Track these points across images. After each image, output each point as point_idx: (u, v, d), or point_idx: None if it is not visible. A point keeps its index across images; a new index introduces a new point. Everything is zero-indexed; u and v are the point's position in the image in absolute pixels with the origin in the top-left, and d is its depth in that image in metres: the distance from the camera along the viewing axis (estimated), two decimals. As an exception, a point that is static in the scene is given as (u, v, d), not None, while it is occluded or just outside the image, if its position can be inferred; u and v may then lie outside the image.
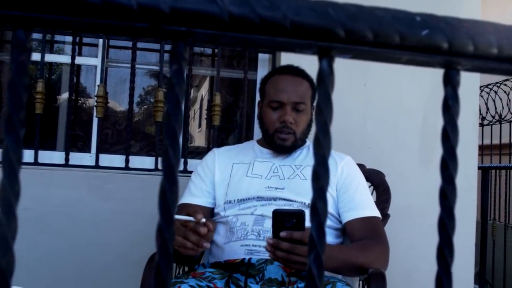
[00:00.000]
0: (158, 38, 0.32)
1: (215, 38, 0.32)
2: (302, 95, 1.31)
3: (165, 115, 0.31)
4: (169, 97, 0.31)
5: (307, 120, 1.34)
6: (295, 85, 1.31)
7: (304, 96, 1.31)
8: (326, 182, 0.32)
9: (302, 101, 1.30)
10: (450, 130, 0.35)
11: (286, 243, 0.93)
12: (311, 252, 0.32)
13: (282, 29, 0.31)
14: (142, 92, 3.07)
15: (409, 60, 0.34)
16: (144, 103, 3.16)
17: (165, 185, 0.31)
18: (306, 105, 1.31)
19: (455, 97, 0.35)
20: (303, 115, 1.31)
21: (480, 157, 2.89)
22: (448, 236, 0.34)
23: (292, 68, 1.36)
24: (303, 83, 1.33)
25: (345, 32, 0.31)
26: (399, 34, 0.32)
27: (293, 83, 1.31)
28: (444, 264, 0.34)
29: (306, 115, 1.32)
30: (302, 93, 1.31)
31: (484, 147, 3.31)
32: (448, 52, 0.33)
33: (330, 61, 0.33)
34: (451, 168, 0.35)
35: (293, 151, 1.35)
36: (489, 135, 3.35)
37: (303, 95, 1.31)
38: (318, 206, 0.32)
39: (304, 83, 1.33)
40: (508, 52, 0.34)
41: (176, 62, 0.32)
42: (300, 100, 1.29)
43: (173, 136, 0.31)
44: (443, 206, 0.34)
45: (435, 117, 1.95)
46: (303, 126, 1.32)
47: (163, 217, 0.31)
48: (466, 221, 1.96)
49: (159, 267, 0.31)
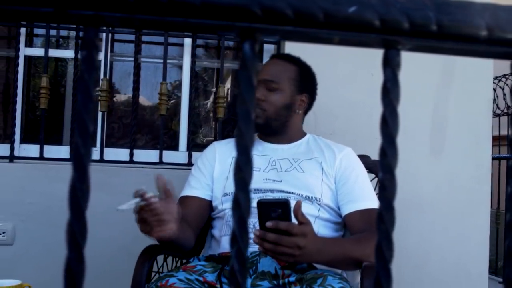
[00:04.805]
0: (66, 23, 0.30)
1: (125, 22, 0.30)
2: (275, 74, 1.29)
3: (76, 105, 0.30)
4: (79, 85, 0.30)
5: (283, 102, 1.30)
6: (272, 65, 1.32)
7: (278, 75, 1.30)
8: (249, 175, 0.30)
9: (272, 79, 1.29)
10: (389, 116, 0.32)
11: (272, 235, 0.91)
12: (233, 247, 0.30)
13: (193, 8, 0.29)
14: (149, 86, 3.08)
15: (342, 40, 0.32)
16: (153, 96, 3.18)
17: (75, 176, 0.30)
18: (278, 85, 1.29)
19: (394, 79, 0.32)
20: (275, 95, 1.29)
21: (497, 147, 2.81)
22: (386, 230, 0.32)
23: (283, 54, 1.37)
24: (284, 65, 1.32)
25: (262, 11, 0.29)
26: (323, 12, 0.29)
27: (270, 64, 1.32)
28: (382, 260, 0.32)
29: (280, 95, 1.30)
30: (275, 73, 1.30)
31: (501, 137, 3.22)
32: (382, 30, 0.31)
33: (253, 43, 0.31)
34: (389, 156, 0.32)
35: (270, 132, 1.33)
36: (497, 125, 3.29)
37: (276, 75, 1.29)
38: (240, 198, 0.30)
39: (285, 65, 1.32)
40: (449, 29, 0.31)
41: (86, 48, 0.30)
42: (270, 78, 1.29)
43: (83, 126, 0.30)
44: (381, 197, 0.32)
45: (445, 107, 1.89)
46: (275, 105, 1.29)
47: (72, 211, 0.30)
48: (479, 212, 1.90)
49: (69, 262, 0.29)
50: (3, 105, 2.61)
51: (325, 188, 1.22)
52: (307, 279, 0.96)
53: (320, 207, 1.21)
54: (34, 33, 2.44)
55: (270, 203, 0.94)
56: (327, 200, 1.21)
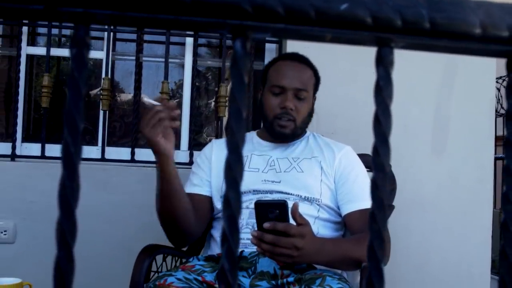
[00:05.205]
0: (56, 21, 0.30)
1: (116, 19, 0.30)
2: (305, 82, 1.28)
3: (66, 103, 0.30)
4: (69, 83, 0.30)
5: (308, 109, 1.31)
6: (298, 71, 1.29)
7: (306, 83, 1.28)
8: (240, 173, 0.30)
9: (304, 88, 1.27)
10: (382, 114, 0.32)
11: (270, 235, 0.91)
12: (223, 246, 0.30)
13: (184, 6, 0.29)
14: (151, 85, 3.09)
15: (335, 38, 0.31)
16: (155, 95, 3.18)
17: (64, 175, 0.30)
18: (308, 93, 1.29)
19: (387, 77, 0.32)
20: (304, 103, 1.28)
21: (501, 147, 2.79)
22: (378, 229, 0.32)
23: (297, 55, 1.33)
24: (306, 70, 1.31)
25: (253, 8, 0.29)
26: (314, 9, 0.29)
27: (296, 70, 1.29)
28: (374, 259, 0.31)
29: (307, 103, 1.29)
30: (305, 81, 1.28)
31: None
32: (374, 28, 0.30)
33: (244, 41, 0.30)
34: (382, 155, 0.32)
35: (292, 140, 1.32)
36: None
37: (306, 83, 1.28)
38: (230, 197, 0.29)
39: (307, 71, 1.31)
40: (442, 27, 0.31)
41: (76, 46, 0.30)
42: (302, 87, 1.27)
43: (72, 124, 0.30)
44: (373, 196, 0.32)
45: (447, 106, 1.88)
46: (303, 114, 1.29)
47: (62, 210, 0.29)
48: (481, 212, 1.89)
49: (58, 261, 0.29)
50: (5, 104, 2.62)
51: (324, 188, 1.21)
52: (306, 280, 0.96)
53: (319, 207, 1.20)
54: (36, 32, 2.44)
55: (267, 204, 0.94)
56: (326, 200, 1.21)
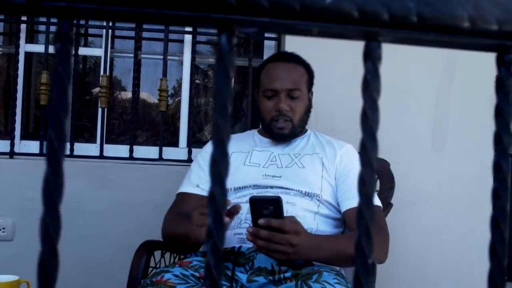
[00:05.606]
0: (40, 15, 0.30)
1: (99, 14, 0.29)
2: (296, 81, 1.28)
3: (50, 97, 0.30)
4: (54, 78, 0.30)
5: (304, 106, 1.31)
6: (288, 72, 1.29)
7: (298, 82, 1.28)
8: (225, 169, 0.30)
9: (296, 87, 1.27)
10: (369, 109, 0.31)
11: (265, 231, 0.91)
12: (208, 241, 0.29)
13: (168, 0, 0.28)
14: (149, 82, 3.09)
15: (321, 32, 0.31)
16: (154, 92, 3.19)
17: (48, 170, 0.29)
18: (301, 91, 1.29)
19: (375, 72, 0.32)
20: (298, 102, 1.29)
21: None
22: (366, 225, 0.31)
23: (286, 55, 1.34)
24: (297, 69, 1.31)
25: (237, 2, 0.29)
26: (300, 2, 0.29)
27: (286, 70, 1.29)
28: (361, 256, 0.31)
29: (302, 101, 1.30)
30: (296, 79, 1.28)
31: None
32: (361, 22, 0.30)
33: (229, 35, 0.30)
34: (369, 150, 0.32)
35: (293, 139, 1.33)
36: None
37: (297, 81, 1.28)
38: (215, 192, 0.29)
39: (298, 68, 1.31)
40: (430, 21, 0.30)
41: (60, 40, 0.30)
42: (293, 87, 1.27)
43: (56, 119, 0.29)
44: (360, 192, 0.31)
45: (447, 103, 1.87)
46: (300, 112, 1.29)
47: (46, 205, 0.29)
48: (482, 211, 1.88)
49: (42, 256, 0.29)
50: (4, 102, 2.62)
51: (325, 184, 1.22)
52: (302, 275, 0.96)
53: (319, 203, 1.21)
54: (35, 29, 2.44)
55: (262, 200, 0.94)
56: (326, 196, 1.21)
